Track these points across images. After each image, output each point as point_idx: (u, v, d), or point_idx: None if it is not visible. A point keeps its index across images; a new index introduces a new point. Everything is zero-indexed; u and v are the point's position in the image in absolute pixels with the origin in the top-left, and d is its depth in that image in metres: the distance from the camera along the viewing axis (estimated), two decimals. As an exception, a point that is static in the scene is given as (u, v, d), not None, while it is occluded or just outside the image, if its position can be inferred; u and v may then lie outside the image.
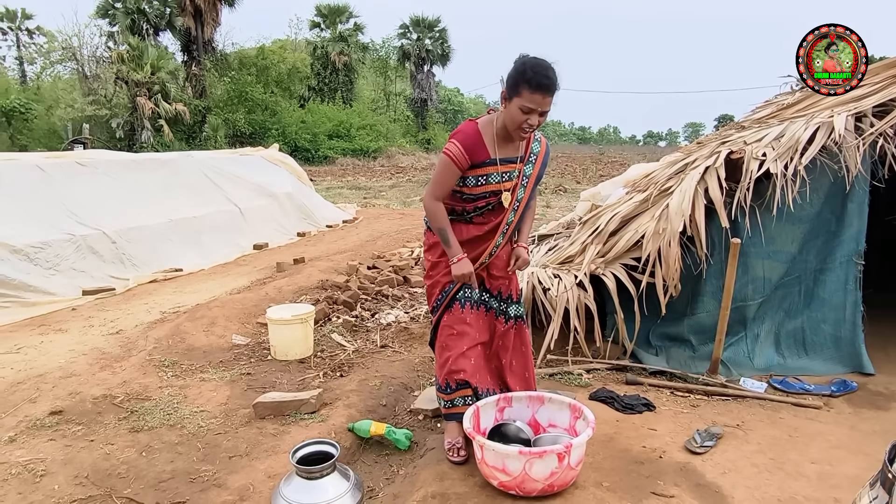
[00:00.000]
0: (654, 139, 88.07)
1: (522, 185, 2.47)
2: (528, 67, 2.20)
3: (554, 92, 2.24)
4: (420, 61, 36.03)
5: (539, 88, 2.18)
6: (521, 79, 2.20)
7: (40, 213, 5.49)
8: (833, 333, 3.40)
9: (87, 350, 3.78)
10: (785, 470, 2.37)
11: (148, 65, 22.61)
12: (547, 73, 2.20)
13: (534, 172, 2.50)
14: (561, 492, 2.17)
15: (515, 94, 2.22)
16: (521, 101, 2.21)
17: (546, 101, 2.23)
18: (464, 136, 2.35)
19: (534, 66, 2.20)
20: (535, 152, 2.50)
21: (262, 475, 2.40)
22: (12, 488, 2.27)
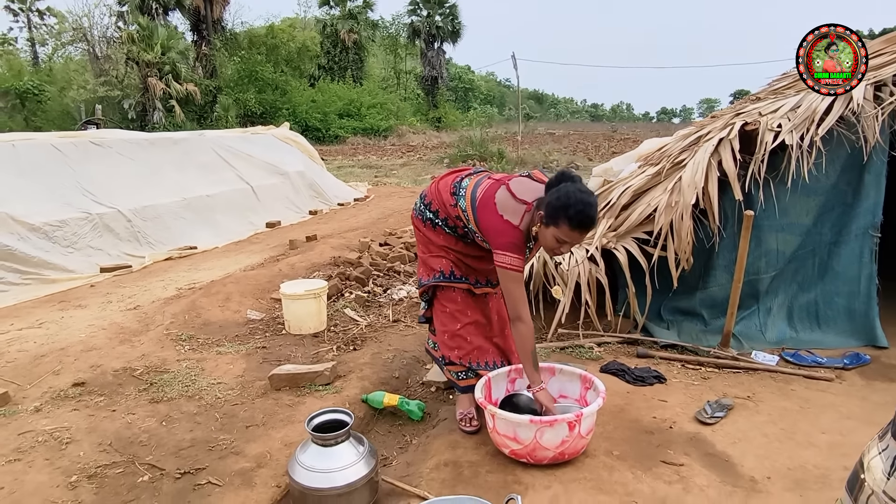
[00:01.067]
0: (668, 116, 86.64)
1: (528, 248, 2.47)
2: (573, 203, 2.11)
3: (595, 227, 2.25)
4: (430, 38, 35.56)
5: (580, 227, 2.13)
6: (563, 214, 2.12)
7: (57, 192, 5.57)
8: (847, 306, 3.38)
9: (106, 325, 3.87)
10: (795, 440, 2.39)
11: (158, 45, 22.56)
12: (590, 214, 2.13)
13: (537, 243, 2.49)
14: (571, 460, 2.20)
15: (554, 224, 2.14)
16: (559, 234, 2.15)
17: (584, 236, 2.20)
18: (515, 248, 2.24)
19: (578, 204, 2.11)
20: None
21: (279, 443, 2.46)
22: (39, 455, 2.35)
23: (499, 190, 2.28)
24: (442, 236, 2.51)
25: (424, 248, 2.59)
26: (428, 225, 2.53)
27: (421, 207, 2.56)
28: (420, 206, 2.57)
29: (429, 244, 2.56)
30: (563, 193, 2.13)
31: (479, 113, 43.02)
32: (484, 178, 2.39)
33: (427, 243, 2.57)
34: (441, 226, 2.49)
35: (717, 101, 77.62)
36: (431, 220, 2.51)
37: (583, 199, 2.11)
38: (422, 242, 2.61)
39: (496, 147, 16.86)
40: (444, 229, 2.49)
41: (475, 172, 2.50)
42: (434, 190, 2.52)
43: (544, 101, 78.22)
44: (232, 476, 2.25)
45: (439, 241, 2.51)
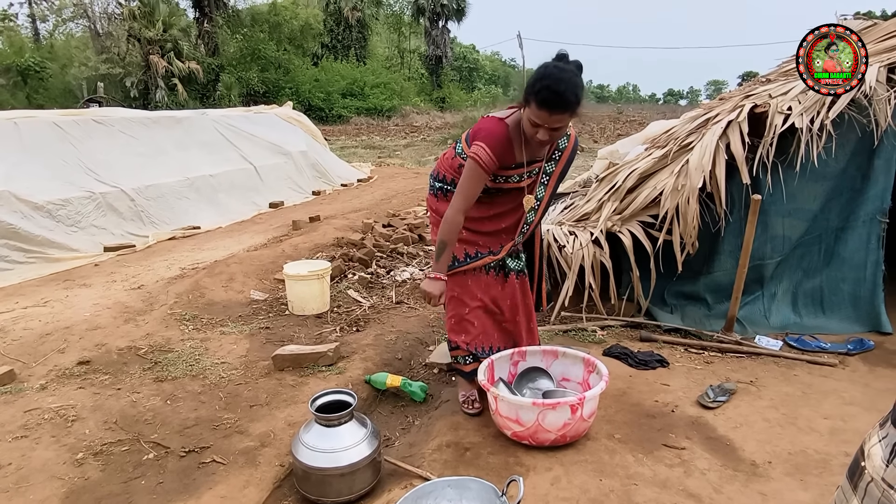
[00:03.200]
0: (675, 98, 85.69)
1: (542, 183, 2.37)
2: (540, 78, 1.98)
3: (566, 110, 2.00)
4: (435, 16, 35.07)
5: (545, 105, 1.98)
6: (531, 90, 2.01)
7: (59, 171, 5.56)
8: (852, 292, 3.36)
9: (110, 304, 3.88)
10: (797, 425, 2.39)
11: (160, 22, 22.34)
12: (557, 89, 1.96)
13: (556, 171, 2.37)
14: (573, 442, 2.21)
15: (526, 103, 2.05)
16: (531, 115, 2.04)
17: (553, 118, 2.01)
18: (494, 140, 2.16)
19: (545, 78, 1.97)
20: (561, 149, 2.36)
21: (282, 423, 2.48)
22: (46, 432, 2.38)
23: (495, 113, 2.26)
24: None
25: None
26: (440, 196, 2.47)
27: (432, 182, 2.52)
28: (432, 182, 2.53)
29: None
30: (538, 70, 2.02)
31: (484, 93, 42.55)
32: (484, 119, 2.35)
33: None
34: (451, 189, 2.41)
35: (725, 83, 76.64)
36: (441, 188, 2.46)
37: (552, 74, 1.97)
38: (435, 224, 2.54)
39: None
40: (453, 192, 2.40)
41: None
42: (441, 162, 2.50)
43: (550, 81, 77.07)
44: (236, 455, 2.27)
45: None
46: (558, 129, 2.07)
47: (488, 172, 2.18)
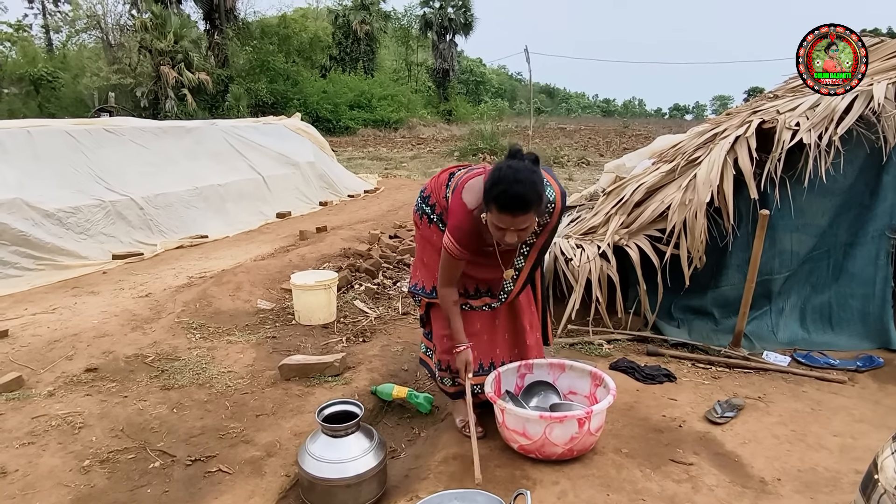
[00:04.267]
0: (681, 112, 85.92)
1: (522, 254, 2.29)
2: (496, 183, 1.90)
3: (528, 210, 1.91)
4: (442, 30, 35.43)
5: (505, 209, 1.91)
6: (489, 195, 1.92)
7: (70, 179, 5.62)
8: (861, 309, 3.34)
9: (118, 311, 3.90)
10: (806, 442, 2.37)
11: (171, 33, 22.61)
12: (516, 192, 1.88)
13: (538, 243, 2.27)
14: (580, 456, 2.20)
15: (487, 208, 1.97)
16: (493, 219, 1.96)
17: (517, 220, 1.93)
18: (460, 233, 2.11)
19: (500, 182, 1.89)
20: (543, 224, 2.21)
21: (289, 433, 2.48)
22: (53, 438, 2.39)
23: (479, 176, 2.14)
24: (436, 235, 2.33)
25: (421, 248, 2.48)
26: (425, 221, 2.40)
27: (420, 203, 2.44)
28: (419, 202, 2.44)
29: (426, 245, 2.43)
30: (492, 172, 1.95)
31: (490, 106, 42.76)
32: (475, 169, 2.25)
33: (424, 244, 2.45)
34: (436, 222, 2.35)
35: (731, 98, 76.88)
36: (429, 215, 2.38)
37: (506, 177, 1.89)
38: (419, 242, 2.50)
39: (507, 141, 16.78)
40: (438, 226, 2.34)
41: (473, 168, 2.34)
42: (433, 184, 2.40)
43: (556, 95, 77.83)
44: (242, 464, 2.27)
45: (436, 242, 2.32)
46: (525, 229, 1.99)
47: (462, 259, 2.17)
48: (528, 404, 2.46)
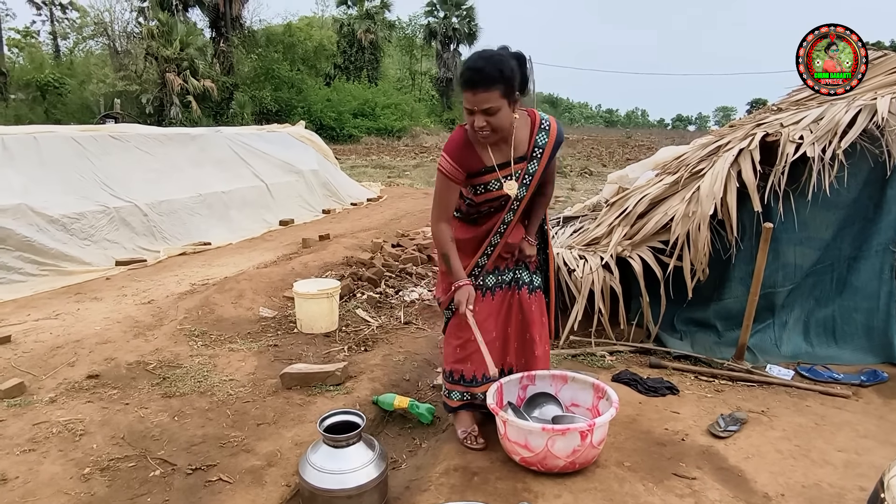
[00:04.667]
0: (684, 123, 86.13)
1: (524, 185, 2.24)
2: (463, 63, 2.00)
3: (490, 84, 1.93)
4: (446, 40, 35.65)
5: (467, 85, 1.95)
6: (457, 77, 2.06)
7: (75, 185, 5.64)
8: (865, 323, 3.33)
9: (120, 318, 3.90)
10: (810, 457, 2.35)
11: (177, 41, 22.82)
12: (475, 66, 1.93)
13: (538, 170, 2.22)
14: (582, 469, 2.19)
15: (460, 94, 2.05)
16: (463, 103, 2.02)
17: (479, 98, 1.94)
18: (452, 146, 2.14)
19: (466, 61, 1.99)
20: (541, 146, 2.20)
21: (290, 442, 2.47)
22: (54, 445, 2.38)
23: None
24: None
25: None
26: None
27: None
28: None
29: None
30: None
31: (494, 116, 42.80)
32: None
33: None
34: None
35: (734, 110, 77.08)
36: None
37: (471, 56, 2.00)
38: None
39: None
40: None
41: None
42: None
43: (559, 105, 78.08)
44: (242, 474, 2.26)
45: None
46: (492, 113, 1.98)
47: (456, 180, 2.16)
48: (529, 416, 2.45)
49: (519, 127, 2.18)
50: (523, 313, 2.43)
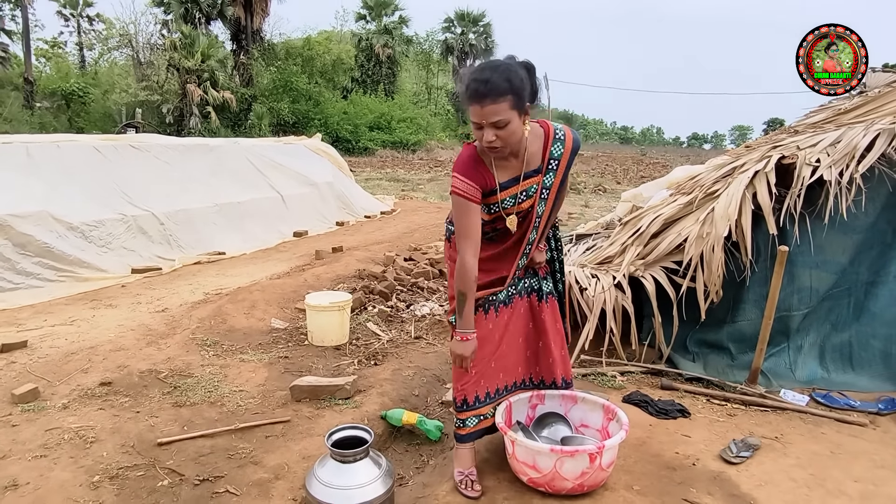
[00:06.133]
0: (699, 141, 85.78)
1: (542, 199, 2.15)
2: (465, 75, 1.88)
3: (498, 96, 1.84)
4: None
5: (473, 98, 1.86)
6: (461, 91, 1.90)
7: (95, 193, 5.75)
8: (883, 349, 3.27)
9: (134, 326, 3.95)
10: (825, 487, 2.30)
11: (199, 53, 23.26)
12: (481, 76, 1.84)
13: (555, 182, 2.16)
14: (591, 492, 2.16)
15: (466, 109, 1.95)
16: (471, 118, 1.93)
17: (487, 110, 1.85)
18: (463, 164, 2.04)
19: (470, 73, 1.88)
20: (557, 157, 2.12)
21: (297, 456, 2.47)
22: (65, 452, 2.40)
23: None
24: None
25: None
26: (453, 243, 2.31)
27: (448, 227, 2.41)
28: (448, 228, 2.41)
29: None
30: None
31: (508, 131, 42.94)
32: None
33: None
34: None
35: (750, 129, 76.66)
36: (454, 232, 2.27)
37: (476, 67, 1.90)
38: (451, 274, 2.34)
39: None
40: None
41: None
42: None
43: (574, 122, 78.19)
44: (249, 486, 2.26)
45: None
46: (502, 126, 1.89)
47: (474, 200, 2.05)
48: (538, 436, 2.43)
49: (531, 140, 2.09)
50: (535, 321, 2.38)
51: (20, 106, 22.17)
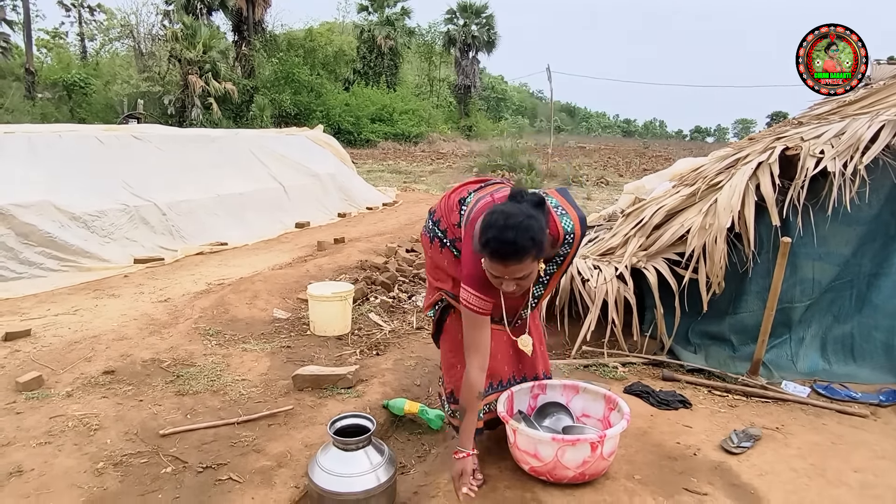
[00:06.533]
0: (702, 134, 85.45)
1: (541, 283, 2.15)
2: (484, 230, 1.76)
3: (522, 258, 1.76)
4: (465, 47, 35.80)
5: (496, 257, 1.77)
6: (480, 243, 1.78)
7: (98, 183, 5.75)
8: (885, 341, 3.27)
9: (137, 315, 3.96)
10: (825, 477, 2.31)
11: (200, 44, 23.18)
12: (505, 239, 1.73)
13: (557, 273, 2.14)
14: (592, 481, 2.17)
15: (481, 255, 1.83)
16: (487, 266, 1.84)
17: (510, 269, 1.78)
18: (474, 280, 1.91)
19: (490, 228, 1.75)
20: (563, 255, 2.07)
21: (300, 444, 2.49)
22: (69, 439, 2.42)
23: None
24: (449, 261, 2.20)
25: (432, 274, 2.34)
26: (436, 245, 2.25)
27: (430, 224, 2.31)
28: (429, 223, 2.31)
29: (436, 269, 2.29)
30: (485, 216, 1.80)
31: (511, 123, 43.05)
32: (486, 196, 2.06)
33: (434, 268, 2.31)
34: (449, 247, 2.20)
35: (753, 122, 76.33)
36: (440, 239, 2.23)
37: (495, 223, 1.75)
38: (429, 267, 2.36)
39: (526, 158, 16.81)
40: (451, 251, 2.19)
41: (487, 185, 2.19)
42: (442, 205, 2.25)
43: (576, 114, 77.94)
44: (252, 474, 2.27)
45: (448, 269, 2.21)
46: (524, 277, 1.84)
47: (486, 312, 1.98)
48: (540, 425, 2.44)
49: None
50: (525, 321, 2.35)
51: (22, 96, 22.16)
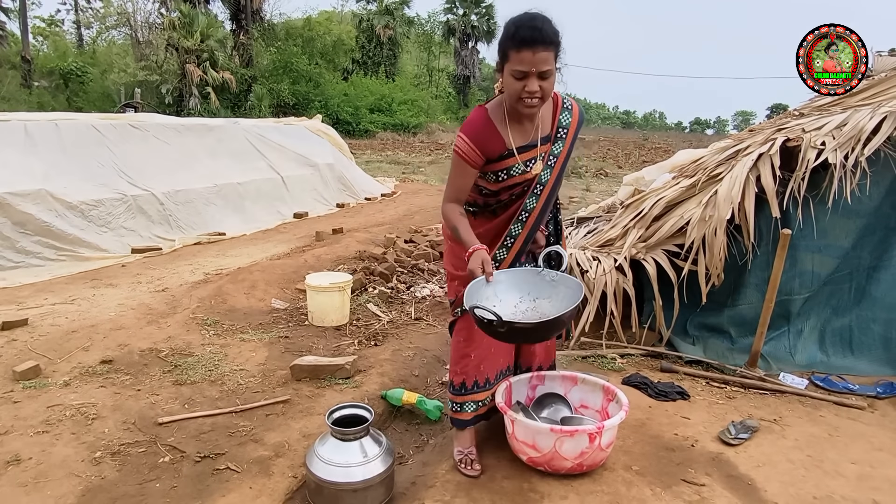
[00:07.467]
0: (702, 126, 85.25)
1: (549, 166, 2.12)
2: (512, 24, 1.87)
3: (549, 44, 1.84)
4: (465, 37, 35.61)
5: (524, 44, 1.82)
6: (506, 40, 1.87)
7: (95, 172, 5.72)
8: (883, 334, 3.27)
9: (135, 305, 3.95)
10: (823, 468, 2.32)
11: (198, 32, 22.99)
12: (532, 24, 1.83)
13: (563, 151, 2.13)
14: (589, 472, 2.17)
15: (505, 59, 1.90)
16: (511, 66, 1.87)
17: (538, 57, 1.83)
18: (471, 127, 2.02)
19: (517, 21, 1.86)
20: (565, 126, 2.11)
21: (297, 434, 2.48)
22: (66, 428, 2.42)
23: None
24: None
25: (452, 263, 2.34)
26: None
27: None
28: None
29: (456, 259, 2.28)
30: (510, 20, 1.90)
31: (510, 114, 42.67)
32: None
33: (452, 256, 2.33)
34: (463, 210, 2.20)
35: (753, 114, 76.21)
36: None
37: (523, 16, 1.87)
38: (448, 256, 2.38)
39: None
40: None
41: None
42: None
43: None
44: (250, 463, 2.27)
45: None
46: (547, 77, 1.88)
47: (474, 164, 2.04)
48: (538, 416, 2.44)
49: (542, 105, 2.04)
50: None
51: (18, 85, 21.98)
